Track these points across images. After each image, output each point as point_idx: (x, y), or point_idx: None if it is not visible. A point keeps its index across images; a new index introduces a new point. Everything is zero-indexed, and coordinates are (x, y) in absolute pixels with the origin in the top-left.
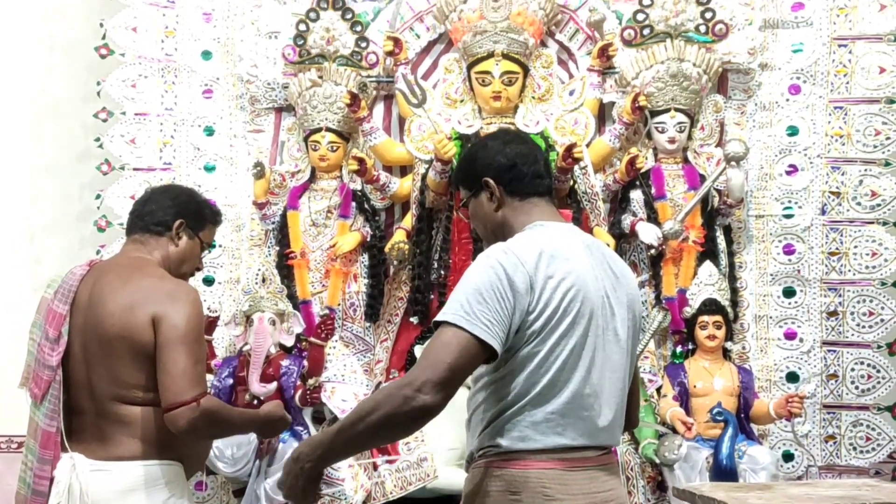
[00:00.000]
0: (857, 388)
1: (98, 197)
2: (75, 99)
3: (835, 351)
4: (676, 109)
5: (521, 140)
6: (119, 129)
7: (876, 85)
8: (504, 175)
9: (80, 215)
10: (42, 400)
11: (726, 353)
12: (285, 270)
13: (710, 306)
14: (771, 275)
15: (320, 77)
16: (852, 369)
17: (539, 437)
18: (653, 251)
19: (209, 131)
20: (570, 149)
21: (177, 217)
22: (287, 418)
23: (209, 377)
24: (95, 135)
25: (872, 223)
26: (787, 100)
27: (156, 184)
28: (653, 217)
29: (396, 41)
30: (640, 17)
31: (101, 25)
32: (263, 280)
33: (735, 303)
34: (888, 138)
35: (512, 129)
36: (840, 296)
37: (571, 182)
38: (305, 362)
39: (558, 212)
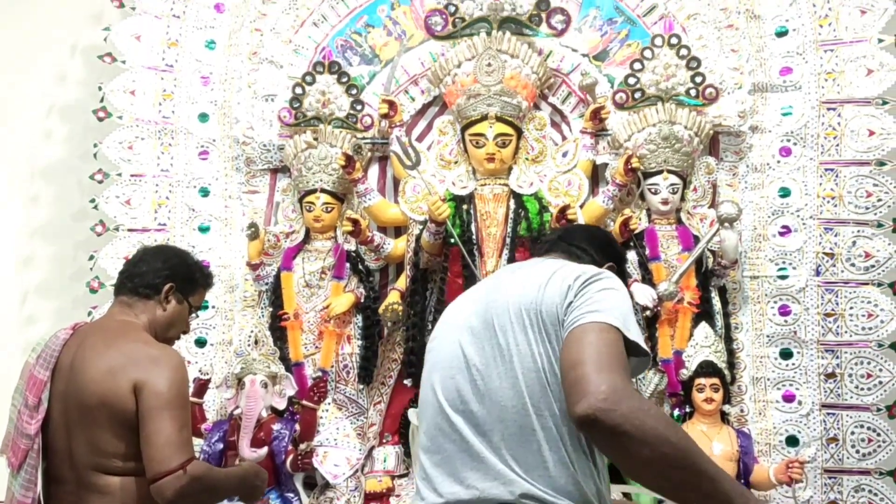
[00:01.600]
0: (857, 451)
1: (91, 258)
2: (72, 160)
3: (834, 414)
4: (669, 171)
5: None
6: (115, 190)
7: (866, 147)
8: None
9: (73, 276)
10: (19, 469)
11: (724, 417)
12: (278, 332)
13: (707, 369)
14: (767, 336)
15: (315, 139)
16: (852, 433)
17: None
18: (648, 313)
19: (204, 192)
20: (563, 210)
21: (167, 280)
22: (263, 474)
23: (198, 442)
24: (91, 196)
25: (867, 284)
26: (779, 161)
27: (150, 244)
28: (647, 278)
29: (391, 104)
30: (632, 80)
31: (100, 89)
32: (256, 342)
33: (732, 364)
34: (880, 200)
35: None
36: (837, 357)
37: None
38: (297, 426)
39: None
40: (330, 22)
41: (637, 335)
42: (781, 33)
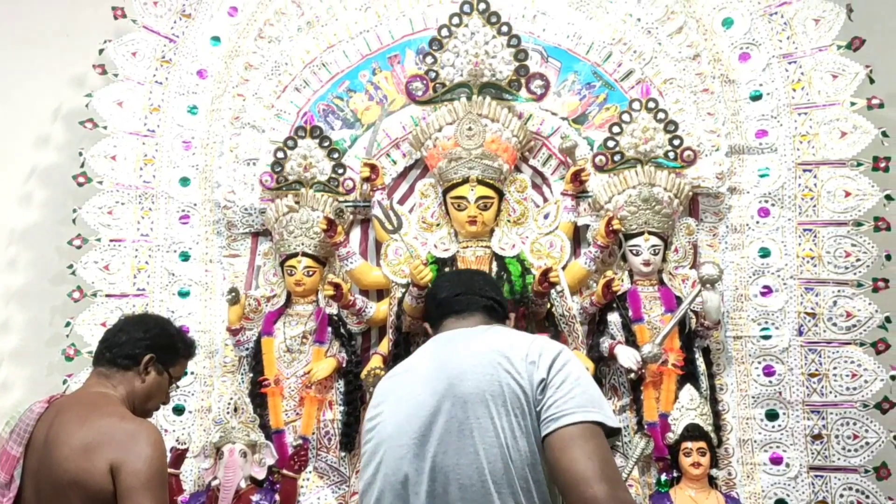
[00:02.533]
0: None
1: (68, 324)
2: (51, 224)
3: (822, 476)
4: (650, 233)
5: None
6: (93, 255)
7: (843, 208)
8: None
9: (49, 341)
10: None
11: (712, 481)
12: (258, 399)
13: (693, 432)
14: (753, 397)
15: (297, 202)
16: (841, 495)
17: None
18: (633, 375)
19: (184, 256)
20: (545, 273)
21: (147, 350)
22: None
23: None
24: (69, 261)
25: (850, 344)
26: (758, 222)
27: (128, 310)
28: (631, 340)
29: (373, 167)
30: (611, 143)
31: (81, 154)
32: (235, 409)
33: (718, 427)
34: (858, 260)
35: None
36: (823, 418)
37: (548, 305)
38: (277, 496)
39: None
40: (312, 87)
41: (614, 419)
42: (756, 97)
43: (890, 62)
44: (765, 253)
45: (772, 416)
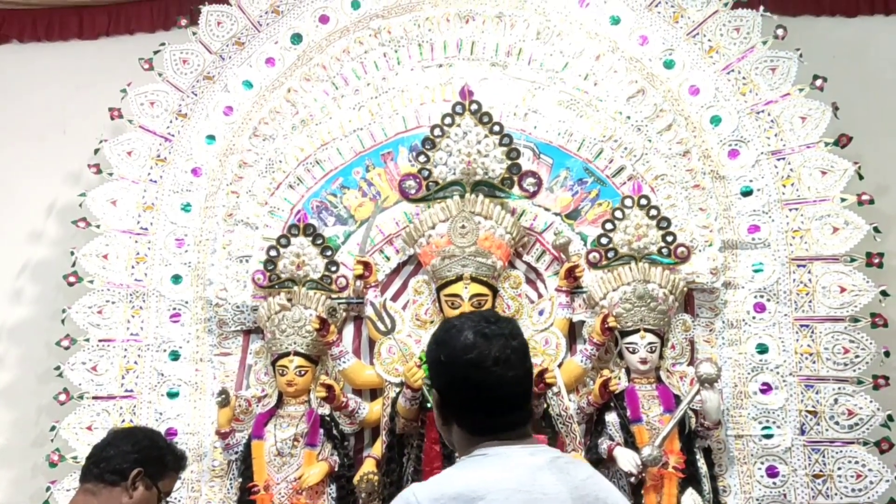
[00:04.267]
0: None
1: (53, 429)
2: (41, 320)
3: None
4: (646, 330)
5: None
6: (81, 356)
7: (839, 304)
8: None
9: (35, 441)
10: None
11: None
12: None
13: None
14: (757, 499)
15: (289, 300)
16: None
17: None
18: (633, 479)
19: (174, 356)
20: (541, 374)
21: (136, 465)
22: None
23: None
24: (58, 359)
25: (853, 443)
26: (754, 317)
27: (115, 413)
28: (630, 441)
29: (367, 265)
30: (604, 240)
31: (72, 254)
32: None
33: None
34: (857, 356)
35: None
36: None
37: (545, 405)
38: None
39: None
40: (306, 184)
41: None
42: (746, 193)
43: (876, 157)
44: (762, 349)
45: None
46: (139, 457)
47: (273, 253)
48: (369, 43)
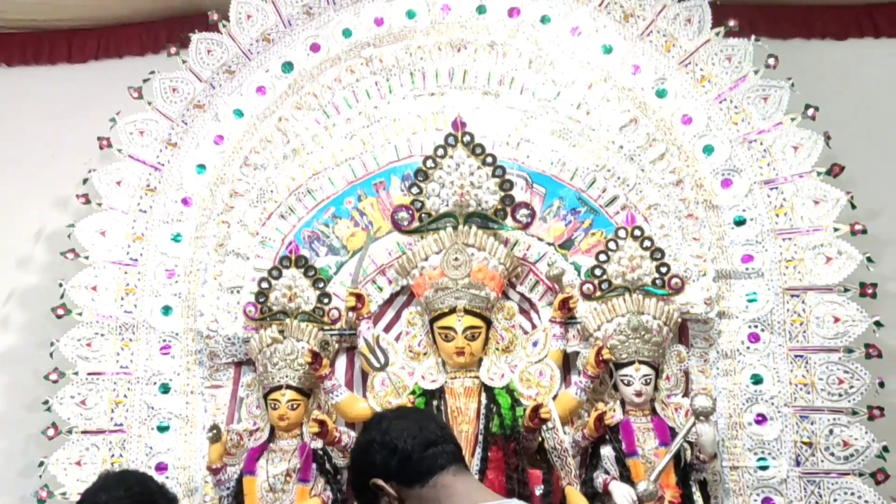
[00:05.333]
0: None
1: (41, 464)
2: (28, 348)
3: None
4: (640, 362)
5: (399, 415)
6: (70, 390)
7: (833, 334)
8: (390, 467)
9: (22, 472)
10: None
11: None
12: None
13: None
14: None
15: (281, 332)
16: None
17: None
18: None
19: (165, 388)
20: (536, 409)
21: None
22: None
23: None
24: (46, 389)
25: (849, 475)
26: (748, 347)
27: (104, 447)
28: (625, 475)
29: (359, 297)
30: (598, 272)
31: (61, 285)
32: None
33: None
34: (852, 387)
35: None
36: None
37: (539, 439)
38: None
39: (479, 483)
40: (297, 214)
41: None
42: (740, 222)
43: (868, 180)
44: (757, 379)
45: None
46: (131, 502)
47: (264, 285)
48: (361, 71)
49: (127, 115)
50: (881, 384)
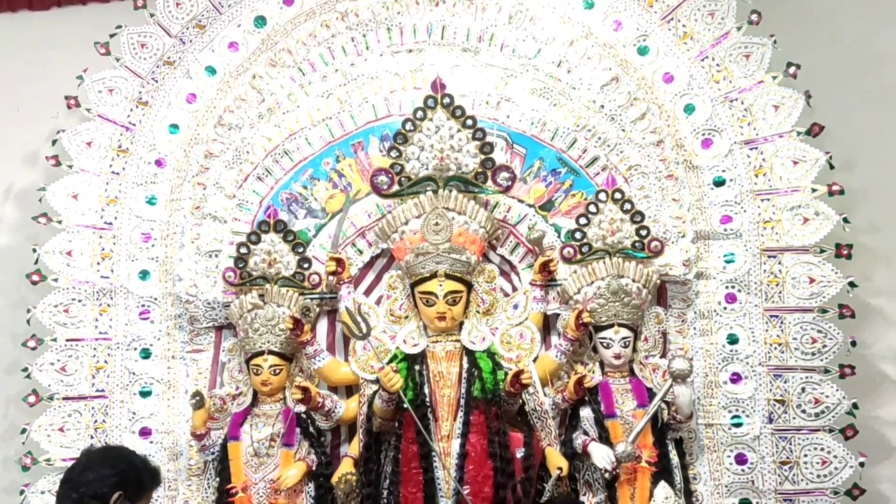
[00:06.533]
0: None
1: (24, 431)
2: (2, 309)
3: None
4: (620, 325)
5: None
6: (49, 356)
7: (808, 295)
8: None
9: (3, 435)
10: None
11: None
12: None
13: None
14: (726, 486)
15: (262, 297)
16: None
17: None
18: (607, 475)
19: (146, 354)
20: (517, 375)
21: (116, 488)
22: None
23: None
24: (24, 354)
25: (819, 431)
26: (725, 308)
27: (87, 413)
28: (604, 436)
29: (339, 261)
30: (578, 235)
31: (35, 251)
32: None
33: None
34: (825, 346)
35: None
36: None
37: (520, 402)
38: None
39: None
40: (274, 176)
41: None
42: (719, 183)
43: (845, 129)
44: (733, 339)
45: None
46: (118, 479)
47: (243, 250)
48: (336, 26)
49: (94, 72)
50: (853, 343)
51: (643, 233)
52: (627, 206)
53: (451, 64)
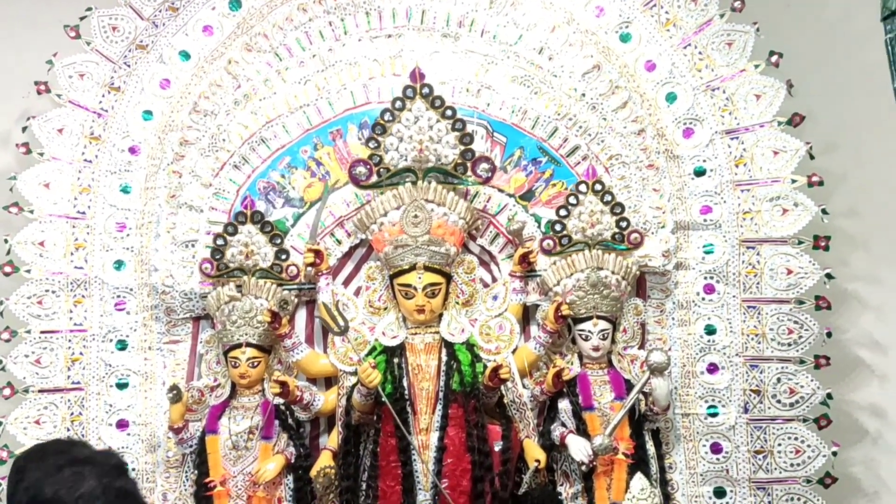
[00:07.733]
0: None
1: None
2: None
3: None
4: (598, 317)
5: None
6: (23, 348)
7: (785, 286)
8: None
9: None
10: None
11: None
12: (204, 501)
13: None
14: (700, 475)
15: (239, 288)
16: None
17: None
18: (584, 467)
19: (122, 345)
20: (496, 370)
21: None
22: None
23: None
24: None
25: (793, 420)
26: (703, 298)
27: (63, 406)
28: (582, 428)
29: (318, 253)
30: (558, 227)
31: (6, 241)
32: None
33: None
34: (801, 337)
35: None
36: (769, 495)
37: (499, 395)
38: None
39: None
40: (251, 164)
41: None
42: (699, 172)
43: (826, 111)
44: (710, 330)
45: (719, 493)
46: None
47: (220, 241)
48: (313, 10)
49: (66, 56)
50: (829, 334)
51: (623, 224)
52: (608, 197)
53: (430, 50)
